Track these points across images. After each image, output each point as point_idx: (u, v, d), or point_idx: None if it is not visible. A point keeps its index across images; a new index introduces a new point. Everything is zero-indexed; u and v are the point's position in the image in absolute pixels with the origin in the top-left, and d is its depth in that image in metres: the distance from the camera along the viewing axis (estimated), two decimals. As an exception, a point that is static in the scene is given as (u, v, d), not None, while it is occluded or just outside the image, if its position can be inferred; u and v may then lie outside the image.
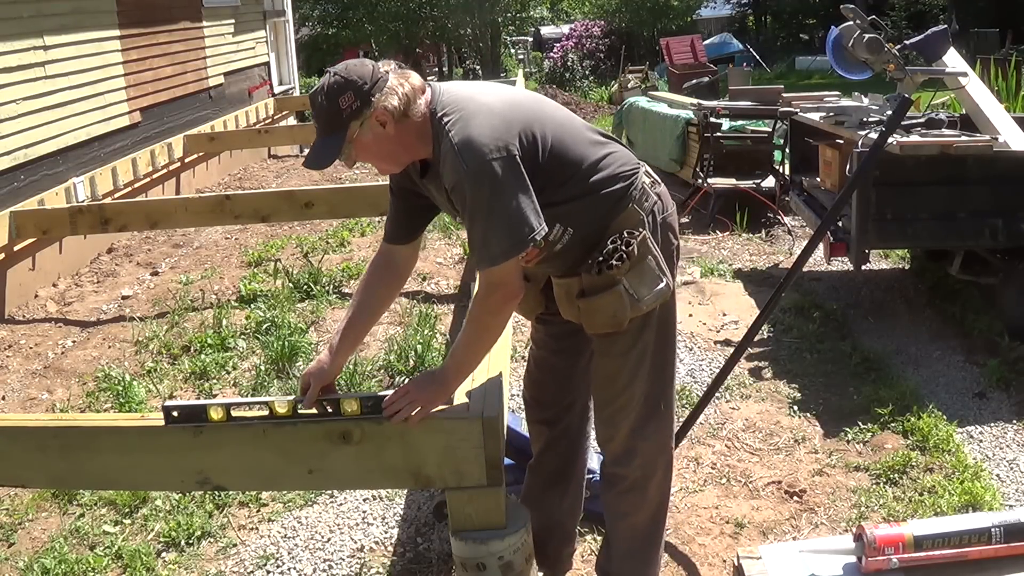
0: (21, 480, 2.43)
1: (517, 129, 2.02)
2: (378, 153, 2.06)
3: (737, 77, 14.71)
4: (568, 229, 2.15)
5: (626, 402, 2.31)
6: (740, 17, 33.00)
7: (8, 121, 5.91)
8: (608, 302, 2.15)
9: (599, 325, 2.21)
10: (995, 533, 2.53)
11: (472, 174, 1.95)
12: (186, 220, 5.99)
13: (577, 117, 2.30)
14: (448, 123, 1.99)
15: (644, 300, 2.16)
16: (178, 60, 8.80)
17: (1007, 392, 3.97)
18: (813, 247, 3.36)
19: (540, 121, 2.09)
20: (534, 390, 2.56)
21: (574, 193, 2.13)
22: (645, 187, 2.22)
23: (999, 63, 9.39)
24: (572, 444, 2.58)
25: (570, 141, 2.13)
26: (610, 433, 2.38)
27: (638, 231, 2.16)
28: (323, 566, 2.94)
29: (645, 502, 2.42)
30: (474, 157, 1.94)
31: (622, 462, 2.38)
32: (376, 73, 2.00)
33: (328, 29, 23.36)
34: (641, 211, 2.19)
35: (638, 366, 2.28)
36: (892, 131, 3.49)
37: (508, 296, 2.07)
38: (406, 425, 2.01)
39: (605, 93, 17.75)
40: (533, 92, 2.31)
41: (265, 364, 4.38)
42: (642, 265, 2.15)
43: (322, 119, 2.00)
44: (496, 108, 2.04)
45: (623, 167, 2.20)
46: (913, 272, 5.62)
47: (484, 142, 1.95)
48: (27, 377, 4.59)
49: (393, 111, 1.99)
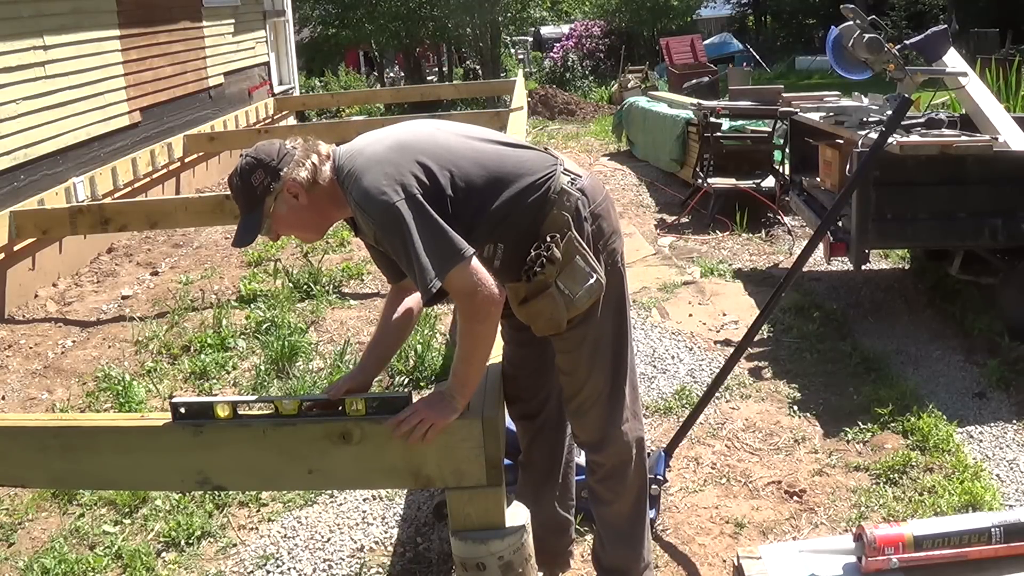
0: (21, 480, 2.43)
1: (408, 169, 2.08)
2: (296, 223, 2.17)
3: (737, 77, 14.72)
4: (499, 245, 2.22)
5: (589, 394, 2.39)
6: (740, 17, 33.01)
7: (8, 121, 5.91)
8: (544, 306, 2.23)
9: (541, 328, 2.30)
10: (995, 533, 2.53)
11: (380, 223, 2.05)
12: (186, 220, 5.99)
13: (478, 136, 2.31)
14: (346, 183, 2.11)
15: (578, 298, 2.23)
16: (178, 60, 8.80)
17: (1007, 392, 3.97)
18: (813, 247, 3.36)
19: (434, 155, 2.14)
20: (510, 386, 2.60)
21: (492, 214, 2.18)
22: (564, 188, 2.25)
23: (999, 63, 9.38)
24: (555, 435, 2.65)
25: (471, 168, 2.17)
26: (580, 424, 2.48)
27: (563, 232, 2.21)
28: (323, 566, 2.94)
29: (625, 488, 2.51)
30: (375, 207, 2.04)
31: (596, 450, 2.48)
32: (282, 149, 2.14)
33: (328, 29, 23.35)
34: (565, 213, 2.23)
35: (593, 357, 2.35)
36: (892, 131, 3.49)
37: (488, 299, 2.08)
38: (422, 442, 2.03)
39: (605, 93, 17.74)
40: (429, 123, 2.35)
41: (265, 364, 4.38)
42: (571, 265, 2.22)
43: (241, 199, 2.15)
44: (383, 155, 2.12)
45: (535, 176, 2.23)
46: (913, 272, 5.62)
47: (378, 192, 2.04)
48: (27, 377, 4.59)
49: (303, 182, 2.12)
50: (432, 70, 26.52)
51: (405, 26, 21.60)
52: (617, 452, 2.46)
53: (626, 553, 2.56)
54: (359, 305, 5.35)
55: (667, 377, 4.23)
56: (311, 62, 23.64)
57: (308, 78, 20.16)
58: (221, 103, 9.95)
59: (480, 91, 15.25)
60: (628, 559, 2.56)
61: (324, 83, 19.74)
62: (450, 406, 2.07)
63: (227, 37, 10.28)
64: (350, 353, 4.45)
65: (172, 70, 8.64)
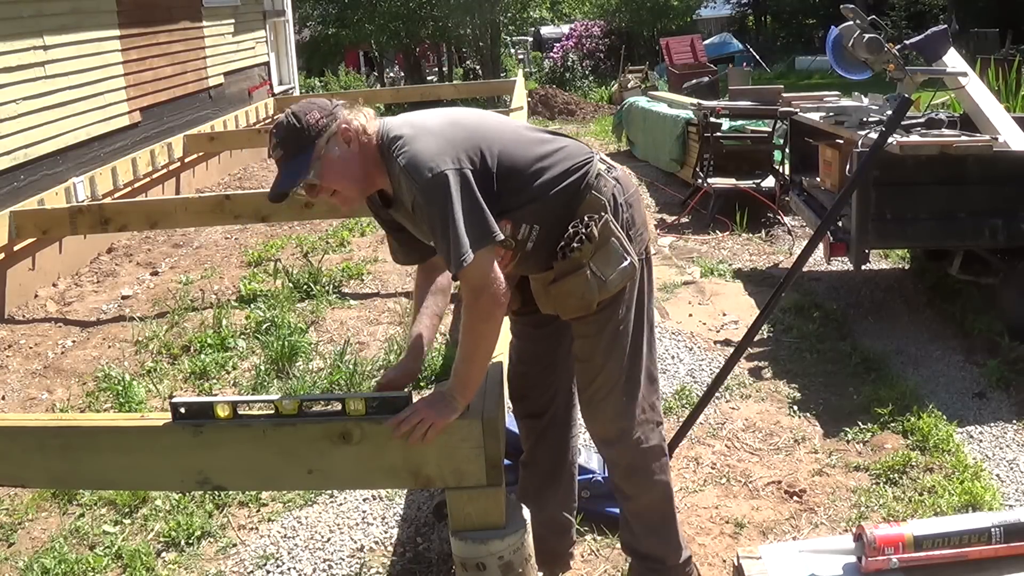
0: (21, 480, 2.43)
1: (461, 146, 2.11)
2: (344, 173, 2.13)
3: (737, 77, 14.72)
4: (535, 226, 2.24)
5: (603, 382, 2.38)
6: (740, 17, 33.01)
7: (8, 121, 5.91)
8: (576, 284, 2.24)
9: (571, 309, 2.30)
10: (995, 533, 2.52)
11: (423, 189, 2.04)
12: (186, 220, 5.99)
13: (520, 124, 2.39)
14: (395, 149, 2.09)
15: (610, 281, 2.25)
16: (178, 60, 8.81)
17: (1007, 392, 3.97)
18: (813, 247, 3.36)
19: (484, 137, 2.18)
20: (519, 383, 2.61)
21: (532, 194, 2.22)
22: (601, 174, 2.30)
23: (999, 63, 9.38)
24: (560, 434, 2.65)
25: (515, 149, 2.22)
26: (594, 415, 2.45)
27: (599, 215, 2.24)
28: (323, 566, 2.94)
29: (650, 481, 2.50)
30: (421, 173, 2.04)
31: (614, 444, 2.45)
32: (334, 101, 2.17)
33: (329, 28, 23.36)
34: (601, 196, 2.27)
35: (612, 345, 2.35)
36: (892, 131, 3.49)
37: (495, 298, 2.11)
38: (422, 442, 2.02)
39: (605, 93, 17.75)
40: (475, 110, 2.40)
41: (265, 364, 4.38)
42: (606, 247, 2.24)
43: (290, 140, 2.10)
44: (437, 129, 2.15)
45: (574, 160, 2.28)
46: (913, 272, 5.62)
47: (428, 158, 2.05)
48: (27, 377, 4.59)
49: (357, 128, 2.12)
50: (432, 70, 26.52)
51: (405, 26, 21.61)
52: (635, 445, 2.44)
53: (660, 542, 2.56)
54: (359, 305, 5.35)
55: (667, 377, 4.23)
56: (311, 62, 23.64)
57: (308, 78, 20.16)
58: (221, 103, 9.95)
59: (480, 91, 15.24)
60: (664, 547, 2.56)
61: (324, 83, 19.74)
62: (450, 406, 2.06)
63: (227, 37, 10.28)
64: (350, 353, 4.44)
65: (172, 70, 8.64)
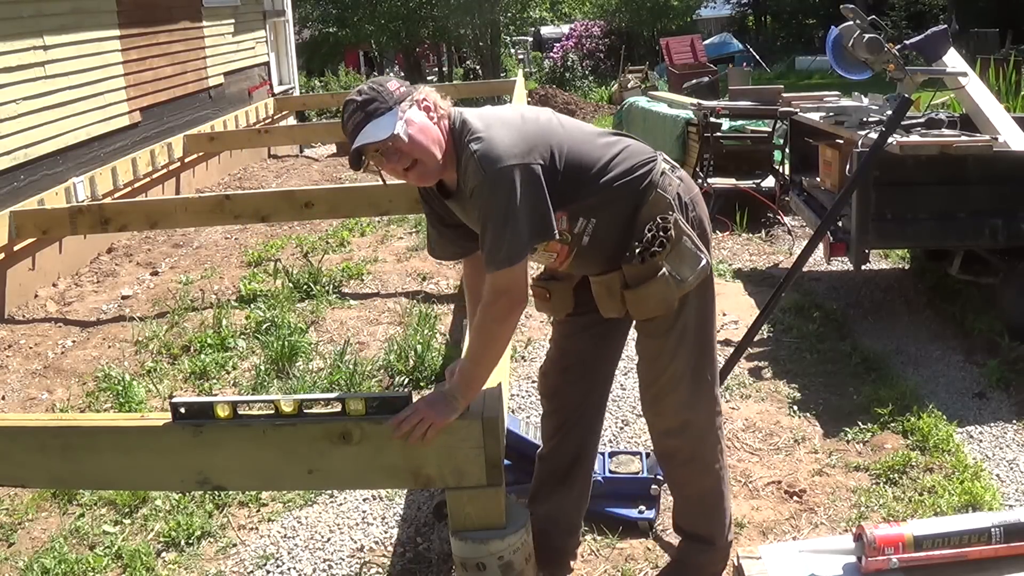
0: (21, 480, 2.43)
1: (533, 141, 2.14)
2: (426, 135, 2.09)
3: (737, 77, 14.72)
4: (591, 220, 2.25)
5: (670, 379, 2.40)
6: (740, 17, 33.02)
7: (8, 121, 5.91)
8: (656, 289, 2.26)
9: (650, 311, 2.31)
10: (995, 533, 2.52)
11: (490, 180, 2.05)
12: (186, 220, 5.99)
13: (587, 124, 2.43)
14: (469, 138, 2.11)
15: (687, 280, 2.27)
16: (178, 60, 8.80)
17: (1007, 392, 3.97)
18: (813, 247, 3.37)
19: (553, 133, 2.21)
20: (557, 380, 2.63)
21: (593, 190, 2.24)
22: (666, 172, 2.33)
23: (999, 63, 9.39)
24: (584, 435, 2.66)
25: (582, 147, 2.25)
26: (658, 409, 2.48)
27: (669, 214, 2.25)
28: (323, 566, 2.94)
29: (706, 470, 2.53)
30: (492, 164, 2.05)
31: (674, 435, 2.48)
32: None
33: (329, 27, 23.36)
34: (667, 195, 2.29)
35: (679, 344, 2.37)
36: (892, 131, 3.50)
37: (513, 303, 2.12)
38: (422, 442, 2.03)
39: (605, 93, 17.76)
40: (545, 108, 2.42)
41: (265, 364, 4.38)
42: (680, 247, 2.26)
43: (370, 103, 2.06)
44: (510, 121, 2.17)
45: (638, 158, 2.31)
46: (913, 272, 5.62)
47: (502, 151, 2.06)
48: (27, 377, 4.59)
49: (435, 101, 2.14)
50: (432, 70, 26.53)
51: (405, 26, 21.63)
52: (694, 437, 2.47)
53: (712, 523, 2.60)
54: (359, 305, 5.35)
55: (667, 377, 4.23)
56: (311, 62, 23.64)
57: (308, 78, 20.15)
58: (221, 103, 9.95)
59: (480, 91, 15.24)
60: (715, 528, 2.60)
61: (324, 83, 19.73)
62: (451, 406, 2.06)
63: (227, 37, 10.28)
64: (350, 353, 4.44)
65: (172, 70, 8.64)
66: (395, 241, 6.79)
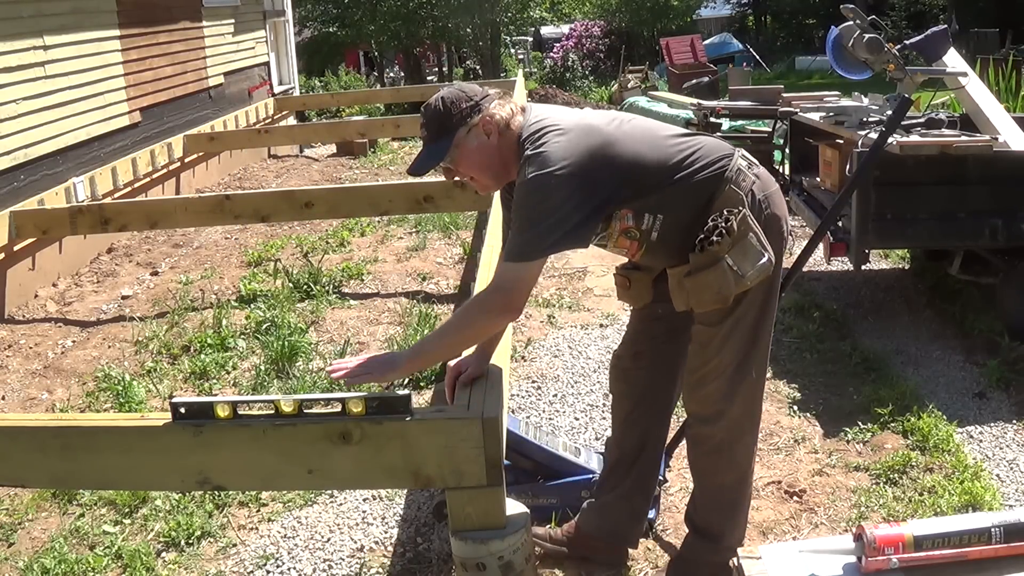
0: (21, 480, 2.43)
1: (590, 151, 2.18)
2: (480, 163, 2.25)
3: (737, 77, 14.74)
4: (658, 216, 2.30)
5: (715, 367, 2.42)
6: (740, 17, 33.04)
7: (8, 121, 5.91)
8: (713, 278, 2.27)
9: (706, 302, 2.32)
10: (995, 533, 2.52)
11: (530, 180, 2.13)
12: (186, 220, 5.99)
13: (658, 124, 2.46)
14: (528, 141, 2.20)
15: (748, 275, 2.27)
16: (178, 60, 8.81)
17: (1007, 392, 3.97)
18: (813, 247, 3.36)
19: (617, 140, 2.26)
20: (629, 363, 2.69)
21: (658, 188, 2.28)
22: (742, 169, 2.35)
23: (999, 63, 9.39)
24: (652, 423, 2.72)
25: (648, 149, 2.29)
26: (696, 396, 2.51)
27: (737, 209, 2.27)
28: (323, 566, 2.94)
29: (732, 464, 2.55)
30: (538, 168, 2.13)
31: (709, 422, 2.50)
32: (486, 90, 2.29)
33: (329, 27, 23.36)
34: (739, 191, 2.31)
35: (730, 334, 2.39)
36: (892, 131, 3.49)
37: (508, 305, 2.16)
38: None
39: (605, 93, 17.75)
40: (614, 112, 2.50)
41: (265, 364, 4.38)
42: (744, 241, 2.26)
43: (434, 124, 2.23)
44: (571, 127, 2.22)
45: (711, 155, 2.34)
46: (913, 272, 5.62)
47: (550, 158, 2.13)
48: (27, 377, 4.59)
49: (499, 121, 2.24)
50: (432, 70, 26.50)
51: (405, 26, 21.60)
52: (728, 428, 2.48)
53: (723, 520, 2.62)
54: (359, 305, 5.35)
55: (667, 377, 4.23)
56: (311, 62, 23.62)
57: (308, 78, 20.14)
58: (221, 103, 9.95)
59: (480, 91, 15.24)
60: (724, 526, 2.62)
61: (324, 83, 19.73)
62: (394, 367, 2.19)
63: (227, 37, 10.28)
64: (350, 353, 4.44)
65: (172, 70, 8.64)
66: (395, 241, 6.79)
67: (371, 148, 11.10)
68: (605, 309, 5.11)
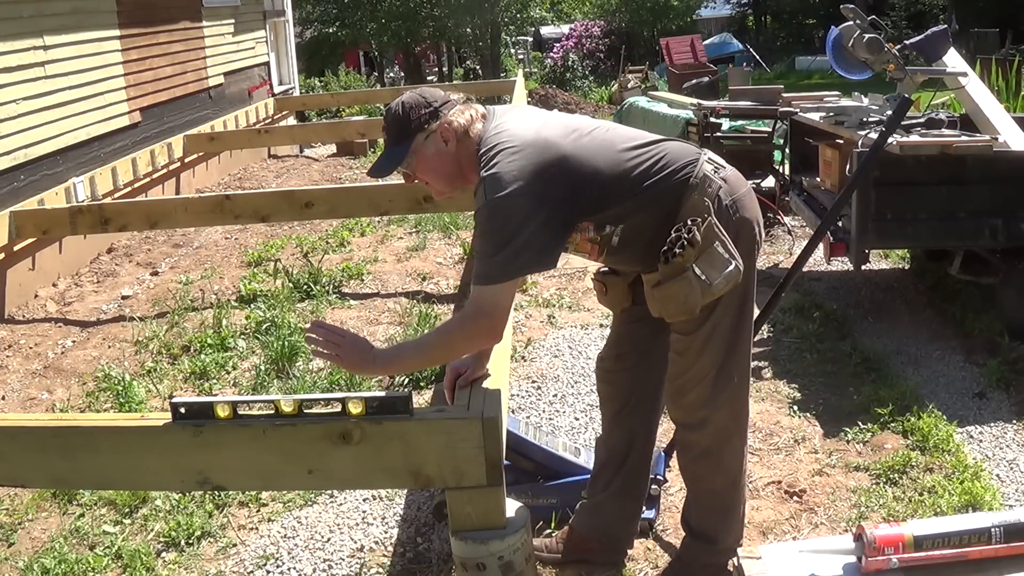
0: (21, 480, 2.43)
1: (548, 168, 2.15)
2: (436, 168, 2.25)
3: (737, 77, 14.73)
4: (618, 226, 2.28)
5: (695, 374, 2.41)
6: (740, 17, 33.05)
7: (8, 121, 5.91)
8: (678, 289, 2.25)
9: (673, 313, 2.32)
10: (995, 533, 2.52)
11: (488, 205, 2.11)
12: (186, 220, 5.99)
13: (621, 132, 2.41)
14: (484, 158, 2.17)
15: (715, 284, 2.25)
16: (178, 60, 8.80)
17: (1007, 392, 3.97)
18: (813, 247, 3.36)
19: (572, 156, 2.21)
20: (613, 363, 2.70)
21: (617, 201, 2.27)
22: (707, 175, 2.30)
23: (999, 63, 9.39)
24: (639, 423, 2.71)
25: (604, 165, 2.24)
26: (679, 403, 2.50)
27: (702, 218, 2.24)
28: (323, 566, 2.94)
29: (721, 468, 2.54)
30: (494, 191, 2.10)
31: (695, 428, 2.50)
32: (447, 96, 2.27)
33: (329, 27, 23.36)
34: (705, 198, 2.27)
35: (707, 341, 2.38)
36: (892, 131, 3.50)
37: (488, 331, 2.16)
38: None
39: (605, 93, 17.75)
40: (576, 118, 2.45)
41: (265, 364, 4.38)
42: (710, 250, 2.24)
43: (394, 129, 2.24)
44: (528, 143, 2.17)
45: (674, 164, 2.29)
46: (913, 272, 5.62)
47: (508, 180, 2.10)
48: (27, 377, 4.59)
49: (457, 128, 2.22)
50: (432, 70, 26.50)
51: (405, 26, 21.60)
52: (714, 433, 2.48)
53: (718, 523, 2.62)
54: (359, 305, 5.36)
55: (667, 377, 4.23)
56: (311, 62, 23.62)
57: (308, 78, 20.13)
58: (221, 103, 9.95)
59: (480, 91, 15.22)
60: (720, 529, 2.62)
61: (324, 83, 19.72)
62: (365, 363, 2.18)
63: (227, 37, 10.28)
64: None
65: (172, 70, 8.64)
66: (395, 241, 6.79)
67: (371, 148, 11.09)
68: (605, 309, 5.07)
